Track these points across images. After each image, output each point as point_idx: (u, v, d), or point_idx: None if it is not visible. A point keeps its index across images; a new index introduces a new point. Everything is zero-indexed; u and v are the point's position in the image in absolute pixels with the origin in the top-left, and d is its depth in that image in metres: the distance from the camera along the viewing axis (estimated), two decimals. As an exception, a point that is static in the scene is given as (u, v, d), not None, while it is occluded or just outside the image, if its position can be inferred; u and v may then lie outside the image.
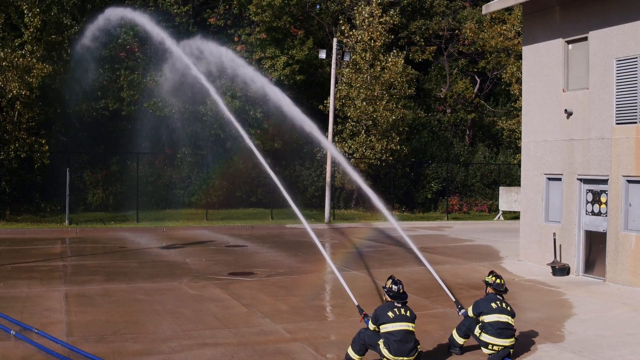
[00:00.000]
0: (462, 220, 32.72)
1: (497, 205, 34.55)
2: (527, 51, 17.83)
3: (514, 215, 33.65)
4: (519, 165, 37.93)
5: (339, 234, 25.37)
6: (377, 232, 25.26)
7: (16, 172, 28.55)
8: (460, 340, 9.42)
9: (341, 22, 36.05)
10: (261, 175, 32.28)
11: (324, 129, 27.76)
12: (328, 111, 31.52)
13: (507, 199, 32.99)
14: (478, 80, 44.16)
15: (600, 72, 15.34)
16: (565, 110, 16.23)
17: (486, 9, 18.61)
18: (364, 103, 33.23)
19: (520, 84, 35.79)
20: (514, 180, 38.20)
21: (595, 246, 15.65)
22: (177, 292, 13.44)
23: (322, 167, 34.31)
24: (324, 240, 24.00)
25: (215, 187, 32.80)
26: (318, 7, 40.75)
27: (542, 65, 17.22)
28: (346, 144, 34.11)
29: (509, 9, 34.43)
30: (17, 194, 29.33)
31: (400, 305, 8.53)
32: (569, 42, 16.48)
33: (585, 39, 15.85)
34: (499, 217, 33.39)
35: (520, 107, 35.97)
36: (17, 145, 27.06)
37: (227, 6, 37.67)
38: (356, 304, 9.73)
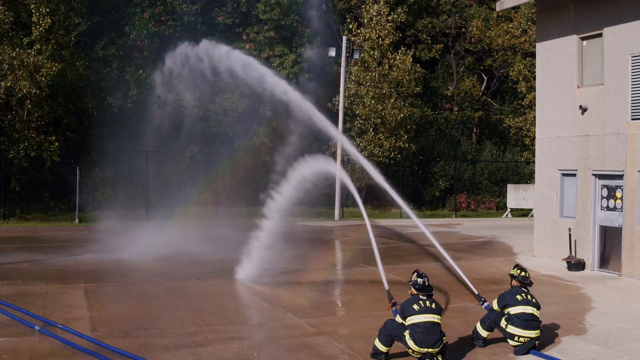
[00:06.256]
0: (470, 217, 32.73)
1: (505, 203, 34.59)
2: (541, 48, 17.83)
3: (522, 213, 33.72)
4: (526, 163, 38.33)
5: (350, 231, 25.42)
6: (387, 230, 25.27)
7: (26, 171, 28.59)
8: (484, 333, 9.48)
9: (348, 20, 36.06)
10: (269, 174, 32.22)
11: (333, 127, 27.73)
12: (336, 109, 31.53)
13: (515, 196, 33.08)
14: (485, 78, 44.19)
15: (616, 68, 15.36)
16: (580, 106, 16.25)
17: (500, 5, 18.61)
18: (373, 101, 33.25)
19: (527, 81, 35.97)
20: (521, 178, 38.23)
21: (611, 241, 15.67)
22: (196, 288, 13.47)
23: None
24: (336, 237, 24.06)
25: (225, 185, 32.81)
26: (324, 6, 40.72)
27: (556, 61, 17.23)
28: (354, 142, 34.12)
29: (515, 8, 34.45)
30: (27, 193, 29.37)
31: (425, 297, 8.61)
32: (583, 39, 16.49)
33: (600, 35, 15.86)
34: (507, 215, 33.44)
35: (527, 104, 36.23)
36: (26, 144, 27.13)
37: (235, 4, 37.73)
38: (387, 288, 9.79)
